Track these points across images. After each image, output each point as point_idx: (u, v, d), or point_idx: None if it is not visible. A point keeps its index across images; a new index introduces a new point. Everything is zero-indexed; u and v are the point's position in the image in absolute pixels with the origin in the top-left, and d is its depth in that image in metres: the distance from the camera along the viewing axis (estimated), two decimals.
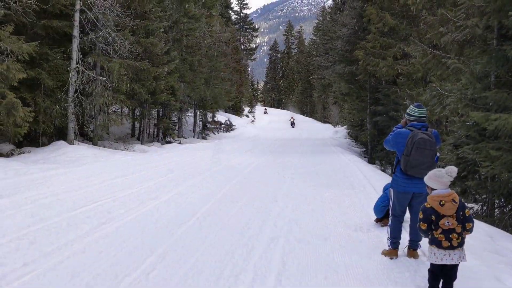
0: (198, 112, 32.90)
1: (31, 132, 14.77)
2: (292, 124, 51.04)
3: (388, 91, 19.00)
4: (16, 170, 10.05)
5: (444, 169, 3.90)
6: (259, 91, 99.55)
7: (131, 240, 5.29)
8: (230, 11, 61.05)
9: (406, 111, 4.96)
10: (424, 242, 4.31)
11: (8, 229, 5.50)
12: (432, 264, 3.87)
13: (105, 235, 5.48)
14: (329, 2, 59.04)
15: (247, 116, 55.54)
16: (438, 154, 4.81)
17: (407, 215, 5.12)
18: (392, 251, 4.98)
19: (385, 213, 6.23)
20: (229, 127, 39.67)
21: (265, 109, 69.02)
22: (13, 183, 8.64)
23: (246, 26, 68.66)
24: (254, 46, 74.38)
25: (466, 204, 9.20)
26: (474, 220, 4.07)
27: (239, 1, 68.35)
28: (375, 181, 10.79)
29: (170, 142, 24.73)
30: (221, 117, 42.10)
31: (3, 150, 13.68)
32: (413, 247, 4.97)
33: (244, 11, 68.91)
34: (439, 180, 3.87)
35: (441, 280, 3.89)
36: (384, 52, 18.26)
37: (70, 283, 4.01)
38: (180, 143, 25.16)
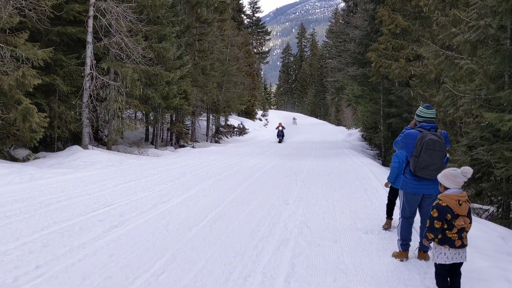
0: (211, 116, 33.03)
1: (46, 137, 14.99)
2: (280, 135, 31.89)
3: (401, 92, 18.84)
4: (31, 175, 10.20)
5: (459, 169, 3.86)
6: (272, 95, 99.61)
7: (142, 243, 5.33)
8: (242, 15, 61.25)
9: (416, 112, 4.91)
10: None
11: (22, 232, 5.58)
12: (439, 266, 3.83)
13: (116, 238, 5.53)
14: (342, 5, 58.83)
15: (260, 119, 55.59)
16: (447, 155, 4.77)
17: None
18: (402, 253, 4.93)
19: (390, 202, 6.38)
20: (242, 130, 39.74)
21: (294, 119, 58.15)
22: (28, 188, 8.77)
23: (258, 30, 68.80)
24: (266, 49, 74.54)
25: (481, 206, 9.07)
26: (488, 221, 4.03)
27: (251, 5, 68.61)
28: None
29: (183, 146, 24.88)
30: (234, 121, 42.20)
31: (19, 155, 13.90)
32: (423, 249, 4.91)
33: (257, 15, 69.19)
34: (454, 179, 3.83)
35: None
36: (396, 53, 18.13)
37: (81, 285, 4.06)
38: (193, 147, 25.30)
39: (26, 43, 12.53)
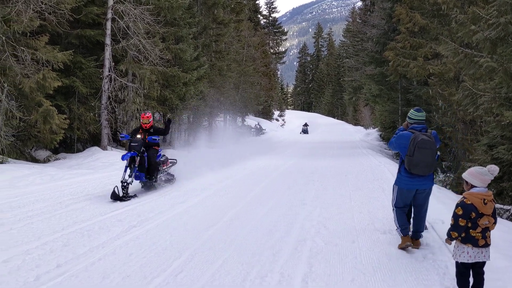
0: (228, 117, 33.12)
1: (66, 138, 15.23)
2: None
3: (419, 91, 18.63)
4: (51, 176, 10.37)
5: (486, 167, 3.82)
6: (289, 95, 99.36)
7: (160, 243, 5.38)
8: (258, 15, 61.29)
9: (407, 115, 5.39)
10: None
11: (43, 232, 5.69)
12: (461, 265, 3.78)
13: (135, 237, 5.60)
14: (359, 4, 58.38)
15: (277, 120, 55.47)
16: (438, 153, 5.25)
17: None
18: (404, 238, 5.24)
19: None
20: (259, 131, 39.74)
21: (306, 125, 50.98)
22: (48, 188, 8.93)
23: (275, 30, 68.68)
24: (283, 49, 74.32)
25: (502, 206, 8.90)
26: (509, 221, 3.97)
27: (268, 5, 68.51)
28: None
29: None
30: (251, 121, 42.23)
31: (40, 156, 14.16)
32: (416, 237, 5.36)
33: (273, 15, 69.01)
34: (480, 177, 3.79)
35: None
36: (414, 52, 17.92)
37: (101, 284, 4.12)
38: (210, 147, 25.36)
39: (46, 46, 12.76)
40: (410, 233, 5.38)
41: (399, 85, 22.39)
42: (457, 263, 3.84)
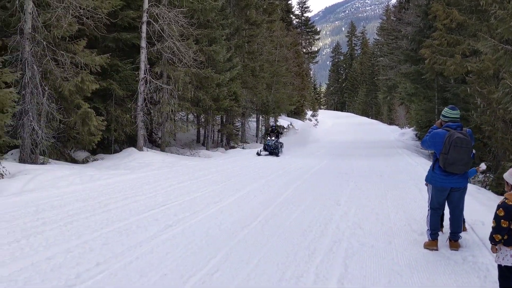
0: (260, 117, 33.17)
1: (104, 139, 15.61)
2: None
3: (457, 90, 18.14)
4: (90, 176, 10.67)
5: None
6: (322, 94, 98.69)
7: (196, 242, 5.45)
8: (291, 15, 61.13)
9: (442, 113, 5.42)
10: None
11: (84, 231, 5.86)
12: (505, 268, 3.65)
13: (171, 236, 5.69)
14: (393, 1, 57.42)
15: (310, 120, 55.21)
16: (474, 151, 5.23)
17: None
18: (432, 243, 5.23)
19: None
20: (291, 131, 39.62)
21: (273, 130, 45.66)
22: (87, 188, 9.19)
23: (307, 29, 68.34)
24: (316, 49, 73.85)
25: None
26: None
27: (300, 5, 68.24)
28: None
29: (233, 147, 25.15)
30: (284, 121, 42.16)
31: (79, 157, 14.59)
32: (454, 238, 5.27)
33: (305, 15, 68.69)
34: None
35: None
36: (451, 49, 17.46)
37: (139, 282, 4.21)
38: (243, 148, 25.51)
39: (85, 50, 13.12)
40: (448, 234, 5.32)
41: (435, 83, 21.87)
42: (499, 266, 3.71)
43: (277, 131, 21.12)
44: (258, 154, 19.31)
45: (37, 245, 5.20)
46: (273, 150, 19.14)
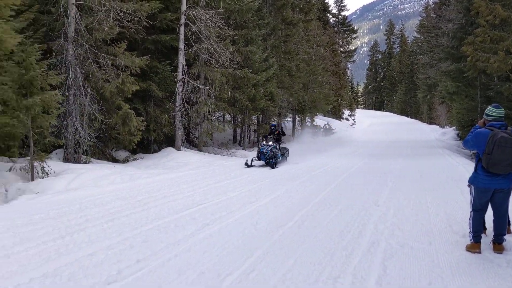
0: (296, 117, 33.05)
1: (143, 139, 15.98)
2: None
3: (501, 88, 17.52)
4: (130, 175, 10.94)
5: None
6: (360, 94, 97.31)
7: (233, 241, 5.50)
8: (328, 14, 60.61)
9: (485, 111, 5.20)
10: None
11: (124, 229, 6.02)
12: None
13: (208, 235, 5.76)
14: None
15: (347, 119, 54.56)
16: None
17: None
18: (474, 245, 5.07)
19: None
20: (328, 131, 39.29)
21: (272, 132, 25.70)
22: (128, 187, 9.44)
23: (344, 28, 67.67)
24: (353, 47, 73.02)
25: None
26: None
27: (337, 3, 67.63)
28: None
29: None
30: (320, 121, 41.84)
31: (119, 156, 14.99)
32: (498, 241, 5.09)
33: (343, 13, 68.11)
34: None
35: None
36: (495, 46, 16.87)
37: (177, 279, 4.28)
38: None
39: (125, 52, 13.47)
40: (492, 237, 5.15)
41: (478, 81, 21.18)
42: None
43: (278, 132, 16.03)
44: (247, 165, 13.91)
45: (80, 241, 5.39)
46: (268, 160, 13.92)
